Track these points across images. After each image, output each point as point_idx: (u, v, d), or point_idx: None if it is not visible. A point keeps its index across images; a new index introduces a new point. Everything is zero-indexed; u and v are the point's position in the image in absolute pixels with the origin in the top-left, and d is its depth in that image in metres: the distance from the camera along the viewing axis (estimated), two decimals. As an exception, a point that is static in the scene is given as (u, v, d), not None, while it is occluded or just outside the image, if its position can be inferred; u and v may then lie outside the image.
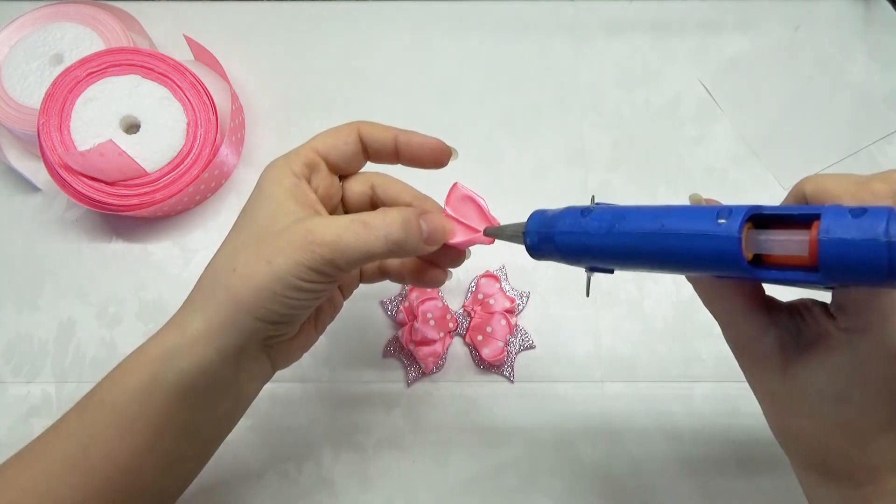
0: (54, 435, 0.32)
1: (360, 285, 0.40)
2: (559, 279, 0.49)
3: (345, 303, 0.39)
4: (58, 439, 0.31)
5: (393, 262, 0.38)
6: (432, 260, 0.37)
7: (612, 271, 0.29)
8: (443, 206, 0.35)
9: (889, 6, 0.57)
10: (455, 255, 0.36)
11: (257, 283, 0.29)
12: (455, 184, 0.34)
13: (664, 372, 0.46)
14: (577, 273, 0.37)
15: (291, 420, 0.45)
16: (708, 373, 0.46)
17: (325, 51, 0.56)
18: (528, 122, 0.54)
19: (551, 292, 0.49)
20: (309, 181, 0.33)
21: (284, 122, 0.54)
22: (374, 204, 0.36)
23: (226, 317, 0.30)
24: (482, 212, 0.34)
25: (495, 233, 0.33)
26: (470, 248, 0.36)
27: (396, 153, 0.34)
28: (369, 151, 0.35)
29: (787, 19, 0.57)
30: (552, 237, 0.29)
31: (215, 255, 0.32)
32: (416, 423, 0.45)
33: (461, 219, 0.34)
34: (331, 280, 0.31)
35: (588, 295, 0.31)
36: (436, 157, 0.34)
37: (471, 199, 0.34)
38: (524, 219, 0.32)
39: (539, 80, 0.55)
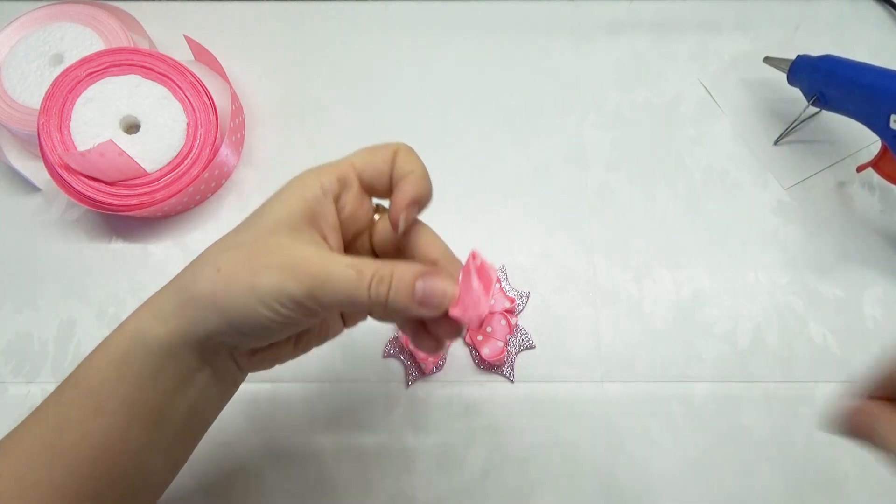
0: (33, 419, 0.31)
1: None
2: (559, 279, 0.49)
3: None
4: (35, 423, 0.31)
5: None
6: (428, 325, 0.33)
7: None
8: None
9: (888, 6, 0.57)
10: (449, 326, 0.31)
11: (235, 292, 0.28)
12: (473, 252, 0.29)
13: (664, 372, 0.46)
14: (577, 273, 0.37)
15: (291, 420, 0.45)
16: (708, 373, 0.46)
17: (325, 51, 0.56)
18: (528, 122, 0.54)
19: (551, 292, 0.49)
20: (339, 198, 0.31)
21: (284, 122, 0.54)
22: (397, 245, 0.33)
23: (196, 310, 0.29)
24: (489, 286, 0.29)
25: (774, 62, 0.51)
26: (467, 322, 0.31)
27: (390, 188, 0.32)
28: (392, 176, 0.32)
29: (787, 19, 0.57)
30: (813, 61, 0.48)
31: (214, 243, 0.31)
32: (416, 423, 0.45)
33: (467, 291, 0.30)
34: (310, 314, 0.29)
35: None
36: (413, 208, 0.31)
37: (485, 272, 0.29)
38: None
39: (539, 80, 0.55)
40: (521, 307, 0.48)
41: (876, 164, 0.47)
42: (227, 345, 0.31)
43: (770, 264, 0.49)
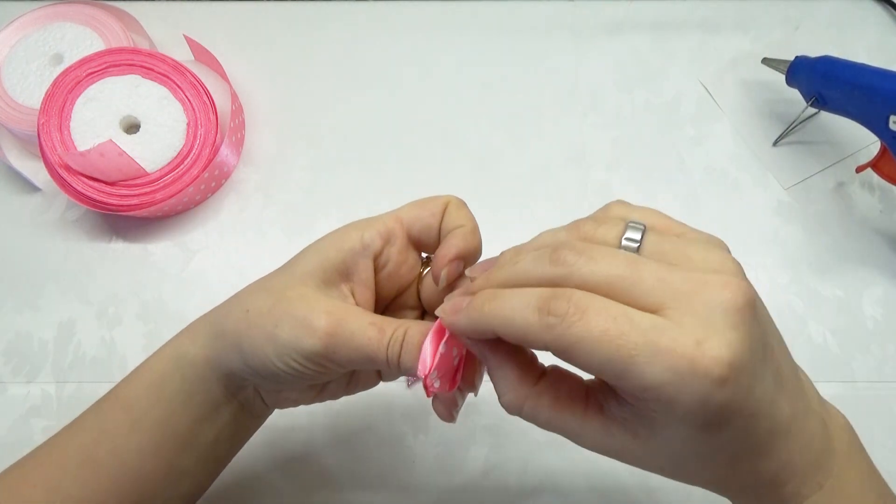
0: (69, 430, 0.32)
1: None
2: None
3: None
4: (72, 433, 0.32)
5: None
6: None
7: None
8: None
9: (888, 6, 0.57)
10: (463, 385, 0.30)
11: (256, 337, 0.28)
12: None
13: (664, 372, 0.46)
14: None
15: (291, 420, 0.45)
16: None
17: (325, 51, 0.56)
18: (528, 122, 0.54)
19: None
20: (380, 253, 0.30)
21: (284, 122, 0.54)
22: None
23: (224, 346, 0.30)
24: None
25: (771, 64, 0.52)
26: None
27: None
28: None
29: (787, 19, 0.57)
30: (811, 62, 0.49)
31: (259, 279, 0.31)
32: (416, 423, 0.45)
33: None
34: (325, 370, 0.28)
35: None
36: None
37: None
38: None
39: (539, 80, 0.55)
40: None
41: (875, 164, 0.47)
42: (251, 382, 0.31)
43: (770, 264, 0.49)
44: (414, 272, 0.32)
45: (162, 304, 0.48)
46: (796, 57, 0.50)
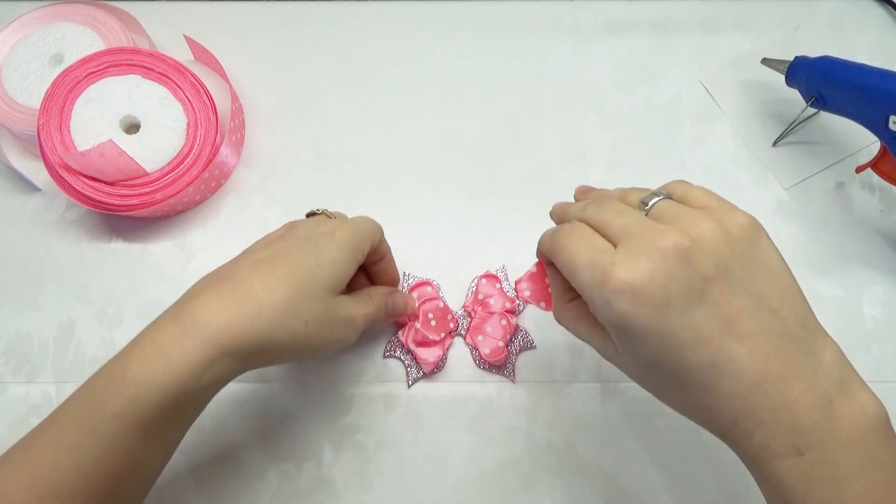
0: (22, 454, 0.32)
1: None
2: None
3: None
4: (27, 456, 0.32)
5: None
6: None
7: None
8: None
9: (888, 6, 0.57)
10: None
11: (315, 342, 0.35)
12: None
13: (664, 372, 0.46)
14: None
15: (292, 420, 0.45)
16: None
17: (325, 51, 0.56)
18: (528, 123, 0.54)
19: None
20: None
21: (284, 122, 0.54)
22: (367, 272, 0.44)
23: (264, 357, 0.34)
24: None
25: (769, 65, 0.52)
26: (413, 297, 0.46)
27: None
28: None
29: (787, 19, 0.57)
30: (810, 63, 0.49)
31: (266, 278, 0.34)
32: (416, 423, 0.45)
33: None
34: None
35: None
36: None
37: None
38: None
39: (539, 80, 0.55)
40: (521, 307, 0.48)
41: (875, 164, 0.47)
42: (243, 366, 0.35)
43: (770, 264, 0.49)
44: None
45: (162, 304, 0.48)
46: (796, 57, 0.50)
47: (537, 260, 0.37)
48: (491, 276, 0.48)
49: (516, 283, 0.41)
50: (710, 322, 0.27)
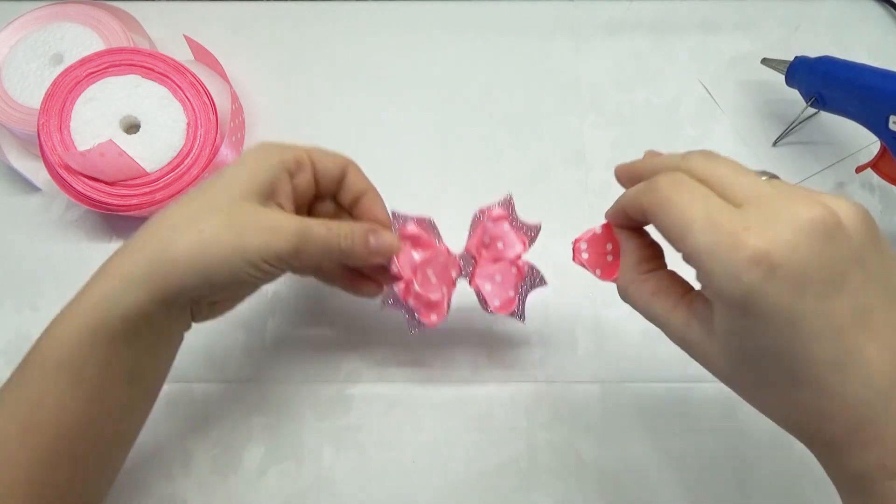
0: (7, 397, 0.32)
1: None
2: (559, 279, 0.49)
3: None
4: (13, 401, 0.32)
5: (333, 266, 0.41)
6: (370, 274, 0.41)
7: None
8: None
9: (888, 6, 0.57)
10: (384, 274, 0.39)
11: (221, 253, 0.31)
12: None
13: (664, 372, 0.46)
14: (577, 273, 0.37)
15: (292, 420, 0.45)
16: (708, 373, 0.46)
17: (325, 51, 0.56)
18: (528, 122, 0.54)
19: (551, 292, 0.48)
20: (293, 175, 0.36)
21: (284, 122, 0.54)
22: (351, 208, 0.40)
23: (174, 272, 0.31)
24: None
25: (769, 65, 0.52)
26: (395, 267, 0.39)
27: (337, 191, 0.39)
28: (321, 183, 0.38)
29: (787, 19, 0.57)
30: (810, 63, 0.49)
31: (175, 207, 0.33)
32: (416, 423, 0.45)
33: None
34: (289, 268, 0.34)
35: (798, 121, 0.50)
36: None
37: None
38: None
39: (539, 80, 0.55)
40: (531, 243, 0.42)
41: (875, 164, 0.47)
42: (193, 300, 0.34)
43: (770, 264, 0.49)
44: (309, 198, 0.38)
45: (162, 304, 0.48)
46: (796, 57, 0.50)
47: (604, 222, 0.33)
48: (499, 218, 0.41)
49: (574, 242, 0.36)
50: (845, 312, 0.23)
